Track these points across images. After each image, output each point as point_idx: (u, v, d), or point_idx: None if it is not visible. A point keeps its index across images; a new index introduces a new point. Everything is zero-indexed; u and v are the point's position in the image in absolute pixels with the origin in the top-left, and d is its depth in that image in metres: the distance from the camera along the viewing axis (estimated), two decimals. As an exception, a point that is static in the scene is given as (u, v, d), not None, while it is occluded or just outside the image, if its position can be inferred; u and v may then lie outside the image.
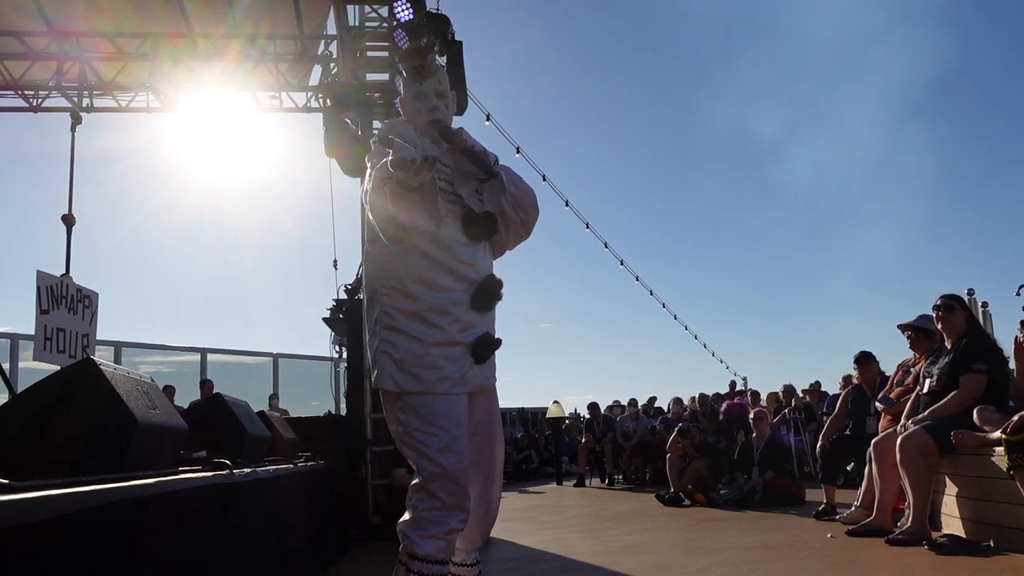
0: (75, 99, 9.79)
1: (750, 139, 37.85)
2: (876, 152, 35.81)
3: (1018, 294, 8.91)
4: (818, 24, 34.81)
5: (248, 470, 3.37)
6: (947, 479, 5.09)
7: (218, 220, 34.31)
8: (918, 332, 5.89)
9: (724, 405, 11.78)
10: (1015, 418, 4.18)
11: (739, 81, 38.19)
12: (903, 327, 5.99)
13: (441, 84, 2.98)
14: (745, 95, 38.08)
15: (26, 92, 9.88)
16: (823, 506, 6.49)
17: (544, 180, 13.31)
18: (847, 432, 6.85)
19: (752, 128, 37.13)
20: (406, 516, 2.68)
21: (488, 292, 2.86)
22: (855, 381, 7.19)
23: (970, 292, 9.73)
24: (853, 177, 36.35)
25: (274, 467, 4.08)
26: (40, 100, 9.96)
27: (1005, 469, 4.25)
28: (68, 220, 6.80)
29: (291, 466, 4.56)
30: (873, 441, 5.62)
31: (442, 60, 8.33)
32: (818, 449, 6.91)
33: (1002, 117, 34.33)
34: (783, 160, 36.75)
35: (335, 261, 9.30)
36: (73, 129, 7.30)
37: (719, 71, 38.79)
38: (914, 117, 35.25)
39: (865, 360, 7.01)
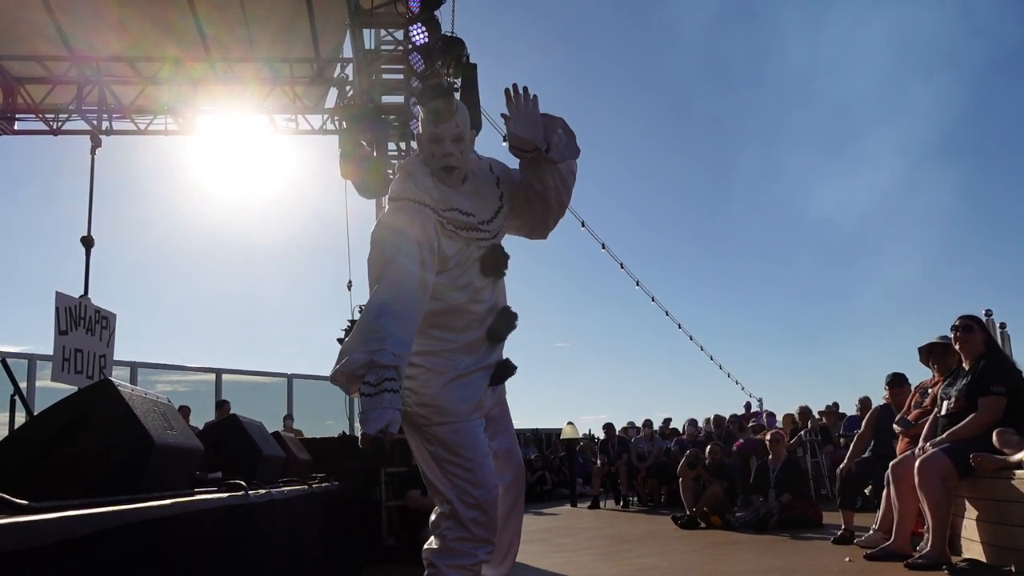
0: (95, 122, 9.93)
1: (771, 168, 37.97)
2: (897, 185, 35.95)
3: None
4: (846, 75, 35.39)
5: (263, 491, 3.38)
6: (967, 502, 5.03)
7: (234, 241, 34.53)
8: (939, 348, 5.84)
9: (736, 444, 11.68)
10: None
11: (759, 109, 38.32)
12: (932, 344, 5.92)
13: (459, 127, 2.84)
14: (765, 124, 38.29)
15: (47, 115, 10.03)
16: (841, 532, 6.41)
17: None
18: (867, 454, 6.77)
19: (774, 159, 37.33)
20: (433, 543, 2.68)
21: (505, 326, 2.92)
22: (884, 401, 7.10)
23: (988, 313, 9.63)
24: (873, 207, 36.42)
25: (288, 488, 4.09)
26: (60, 123, 10.11)
27: (1026, 493, 4.20)
28: (87, 241, 6.86)
29: (305, 487, 4.57)
30: (891, 464, 5.57)
31: (457, 82, 8.41)
32: (840, 470, 6.81)
33: (1019, 150, 34.40)
34: (805, 193, 36.91)
35: (350, 282, 9.33)
36: (93, 152, 7.39)
37: (741, 103, 38.96)
38: (935, 154, 35.47)
39: (898, 382, 6.91)
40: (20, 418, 4.50)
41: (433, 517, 2.76)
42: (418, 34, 7.22)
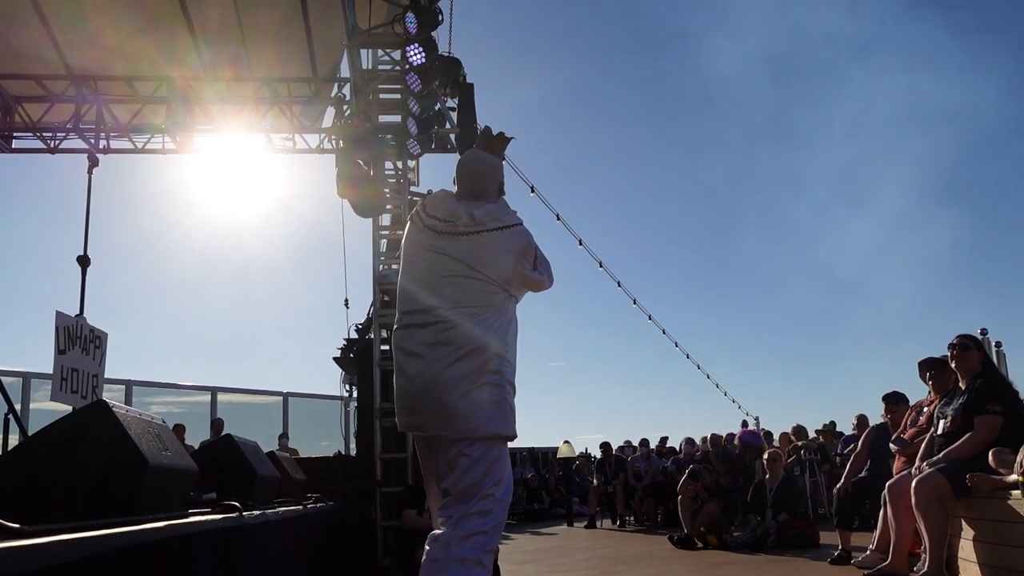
0: (92, 141, 9.94)
1: (776, 204, 38.18)
2: (898, 220, 36.22)
3: None
4: (855, 134, 36.05)
5: (257, 512, 3.37)
6: (963, 523, 5.01)
7: (230, 260, 34.49)
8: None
9: (739, 433, 11.73)
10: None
11: (760, 132, 38.56)
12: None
13: None
14: (773, 172, 38.58)
15: (44, 134, 10.04)
16: (838, 552, 6.38)
17: (558, 219, 13.36)
18: (863, 474, 6.75)
19: (779, 196, 37.55)
20: (457, 550, 2.67)
21: None
22: (883, 419, 7.08)
23: (984, 332, 9.62)
24: (875, 240, 36.58)
25: (283, 508, 4.07)
26: (58, 142, 10.12)
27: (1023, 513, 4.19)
28: (83, 261, 6.85)
29: (300, 507, 4.55)
30: (888, 483, 5.55)
31: (453, 102, 8.45)
32: (837, 490, 6.78)
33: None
34: (810, 227, 37.13)
35: (346, 300, 9.32)
36: (90, 171, 7.38)
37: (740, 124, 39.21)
38: (936, 190, 35.81)
39: (895, 400, 6.88)
40: (15, 439, 4.48)
41: (442, 533, 2.76)
42: (415, 54, 7.25)
